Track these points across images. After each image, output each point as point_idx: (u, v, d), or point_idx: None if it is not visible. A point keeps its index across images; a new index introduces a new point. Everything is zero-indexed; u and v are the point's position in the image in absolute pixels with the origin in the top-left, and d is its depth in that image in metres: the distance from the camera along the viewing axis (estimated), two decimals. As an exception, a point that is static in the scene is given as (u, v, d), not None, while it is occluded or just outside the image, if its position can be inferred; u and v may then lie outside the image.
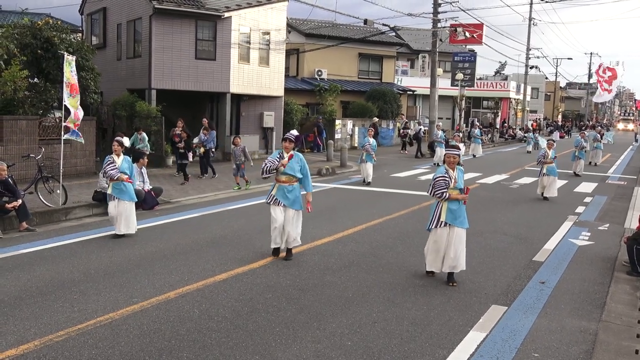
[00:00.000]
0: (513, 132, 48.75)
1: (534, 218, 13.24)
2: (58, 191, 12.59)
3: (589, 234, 11.71)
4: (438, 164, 23.93)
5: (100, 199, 12.56)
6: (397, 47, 41.25)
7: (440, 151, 24.50)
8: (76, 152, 17.39)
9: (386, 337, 5.95)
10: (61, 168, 12.69)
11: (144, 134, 18.57)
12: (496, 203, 15.24)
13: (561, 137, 51.88)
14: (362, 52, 37.21)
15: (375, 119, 31.85)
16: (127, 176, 10.52)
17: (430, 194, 8.09)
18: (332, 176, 20.19)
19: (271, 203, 8.86)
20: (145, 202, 12.91)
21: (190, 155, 17.85)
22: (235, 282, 7.73)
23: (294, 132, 9.07)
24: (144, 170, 13.32)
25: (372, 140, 18.44)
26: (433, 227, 7.97)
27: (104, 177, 11.00)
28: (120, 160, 10.59)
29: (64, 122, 12.90)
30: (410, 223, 12.01)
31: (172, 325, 6.16)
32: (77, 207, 12.26)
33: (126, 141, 10.79)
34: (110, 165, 10.45)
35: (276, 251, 9.05)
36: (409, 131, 32.83)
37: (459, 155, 8.08)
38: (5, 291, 7.15)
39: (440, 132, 26.81)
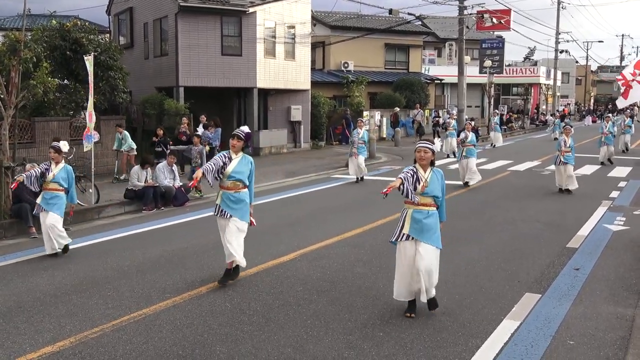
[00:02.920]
0: (544, 118, 48.00)
1: (567, 204, 13.02)
2: (90, 190, 12.80)
3: (624, 219, 11.47)
4: (452, 154, 23.18)
5: (132, 197, 12.75)
6: (424, 36, 40.88)
7: (452, 141, 23.42)
8: (107, 151, 17.63)
9: (418, 327, 5.91)
10: (93, 167, 12.88)
11: (126, 132, 16.91)
12: (528, 190, 15.03)
13: (594, 121, 50.98)
14: (388, 43, 36.97)
15: (397, 109, 31.56)
16: (63, 188, 9.14)
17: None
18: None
19: (217, 215, 7.41)
20: (176, 199, 13.05)
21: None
22: (266, 275, 7.76)
23: (245, 128, 7.69)
24: (174, 167, 13.46)
25: (361, 132, 16.86)
26: (395, 239, 6.33)
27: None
28: (58, 169, 9.17)
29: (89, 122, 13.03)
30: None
31: (205, 319, 6.21)
32: (110, 205, 12.45)
33: (64, 146, 9.33)
34: (32, 171, 9.19)
35: (228, 274, 7.45)
36: (440, 120, 32.55)
37: (431, 150, 6.30)
38: (42, 289, 7.29)
39: (453, 122, 25.56)
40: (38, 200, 9.15)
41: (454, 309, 6.50)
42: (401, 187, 6.09)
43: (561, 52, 54.53)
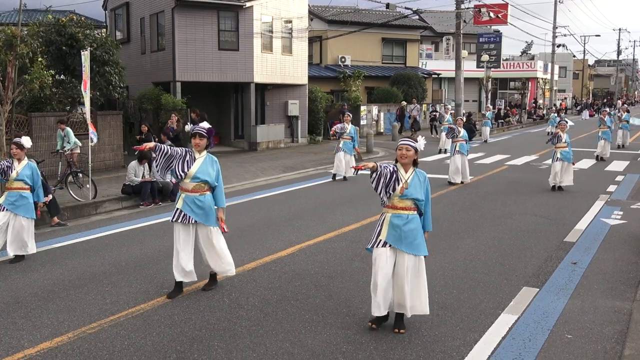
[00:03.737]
0: (541, 112, 48.02)
1: (564, 198, 13.03)
2: (88, 185, 12.77)
3: (621, 212, 11.49)
4: (444, 150, 22.61)
5: (129, 192, 12.73)
6: (421, 31, 40.84)
7: (445, 136, 22.10)
8: (104, 146, 17.61)
9: (416, 322, 5.91)
10: (90, 163, 12.86)
11: (68, 129, 14.91)
12: (526, 184, 15.03)
13: (591, 115, 50.97)
14: (385, 37, 36.93)
15: (403, 103, 31.49)
16: (28, 186, 8.64)
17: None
18: (359, 162, 20.12)
19: (176, 221, 6.75)
20: (174, 194, 13.01)
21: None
22: (264, 270, 7.76)
23: (205, 124, 7.06)
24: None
25: (349, 127, 16.15)
26: (371, 246, 5.78)
27: None
28: (22, 166, 8.64)
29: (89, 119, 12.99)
30: (437, 206, 11.92)
31: (203, 314, 6.21)
32: (107, 200, 12.42)
33: (27, 142, 8.73)
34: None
35: (179, 286, 6.86)
36: (437, 114, 32.50)
37: (413, 148, 5.70)
38: (39, 285, 7.27)
39: (447, 116, 25.03)
40: (0, 201, 8.48)
41: (451, 303, 6.51)
42: (374, 174, 5.56)
43: (558, 46, 54.50)
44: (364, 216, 10.99)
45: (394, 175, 5.62)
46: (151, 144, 6.73)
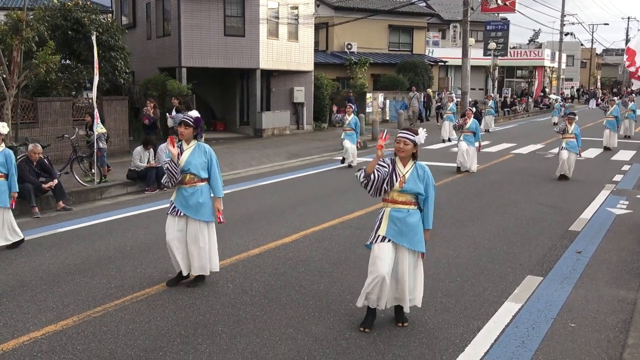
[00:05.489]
0: (548, 101, 47.78)
1: (570, 187, 12.99)
2: (93, 171, 12.79)
3: (627, 202, 11.45)
4: (448, 139, 22.30)
5: (135, 178, 12.75)
6: (428, 18, 40.57)
7: (449, 125, 21.91)
8: (109, 132, 17.56)
9: (420, 309, 5.91)
10: (95, 148, 12.86)
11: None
12: (531, 173, 14.99)
13: (597, 105, 50.67)
14: (392, 24, 36.71)
15: (429, 90, 31.02)
16: (3, 174, 8.31)
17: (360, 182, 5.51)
18: (364, 150, 20.09)
19: (169, 213, 6.61)
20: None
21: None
22: (268, 256, 7.78)
23: (193, 113, 6.43)
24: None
25: (349, 118, 16.12)
26: (370, 242, 5.55)
27: None
28: None
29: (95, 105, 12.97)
30: (442, 194, 11.90)
31: (207, 299, 6.23)
32: (112, 185, 12.45)
33: (2, 128, 8.29)
34: None
35: (179, 277, 6.73)
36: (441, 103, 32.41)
37: (412, 141, 5.41)
38: (44, 269, 7.31)
39: (451, 104, 24.37)
40: None
41: (455, 291, 6.51)
42: (364, 179, 5.35)
43: (566, 34, 54.23)
44: (369, 203, 10.97)
45: (392, 172, 5.41)
46: (176, 151, 6.39)
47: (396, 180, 5.39)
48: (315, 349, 5.13)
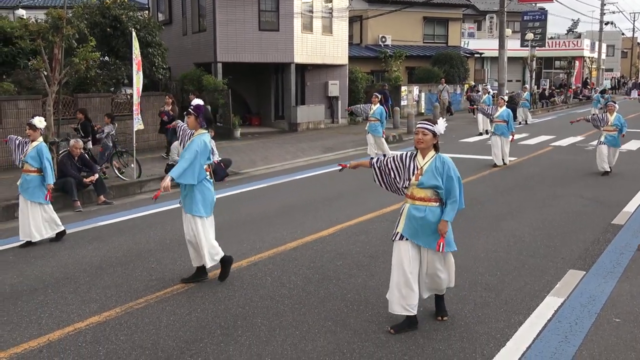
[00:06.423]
0: (588, 93, 46.79)
1: (612, 180, 12.71)
2: (132, 165, 12.99)
3: (672, 195, 11.16)
4: (486, 131, 21.45)
5: (172, 172, 12.86)
6: (463, 9, 40.06)
7: (483, 118, 21.06)
8: (147, 127, 17.80)
9: (459, 303, 5.87)
10: (134, 143, 13.05)
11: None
12: (571, 165, 14.71)
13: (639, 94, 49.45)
14: (426, 16, 36.36)
15: (472, 82, 30.64)
16: (35, 168, 8.34)
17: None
18: (400, 143, 20.01)
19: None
20: (216, 174, 13.07)
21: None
22: (306, 250, 7.80)
23: (197, 101, 6.70)
24: (212, 142, 13.51)
25: (374, 107, 15.90)
26: (392, 238, 5.44)
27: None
28: (32, 147, 8.37)
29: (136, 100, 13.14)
30: (479, 188, 11.77)
31: (246, 292, 6.28)
32: (151, 180, 12.62)
33: (39, 122, 8.38)
34: (17, 149, 8.56)
35: (201, 270, 6.67)
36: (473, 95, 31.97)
37: (431, 132, 5.20)
38: (87, 261, 7.46)
39: (485, 97, 23.66)
40: (18, 182, 8.44)
41: (495, 285, 6.43)
42: (373, 173, 5.42)
43: (606, 23, 53.01)
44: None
45: (410, 165, 5.28)
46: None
47: (413, 174, 5.24)
48: (354, 341, 5.12)
